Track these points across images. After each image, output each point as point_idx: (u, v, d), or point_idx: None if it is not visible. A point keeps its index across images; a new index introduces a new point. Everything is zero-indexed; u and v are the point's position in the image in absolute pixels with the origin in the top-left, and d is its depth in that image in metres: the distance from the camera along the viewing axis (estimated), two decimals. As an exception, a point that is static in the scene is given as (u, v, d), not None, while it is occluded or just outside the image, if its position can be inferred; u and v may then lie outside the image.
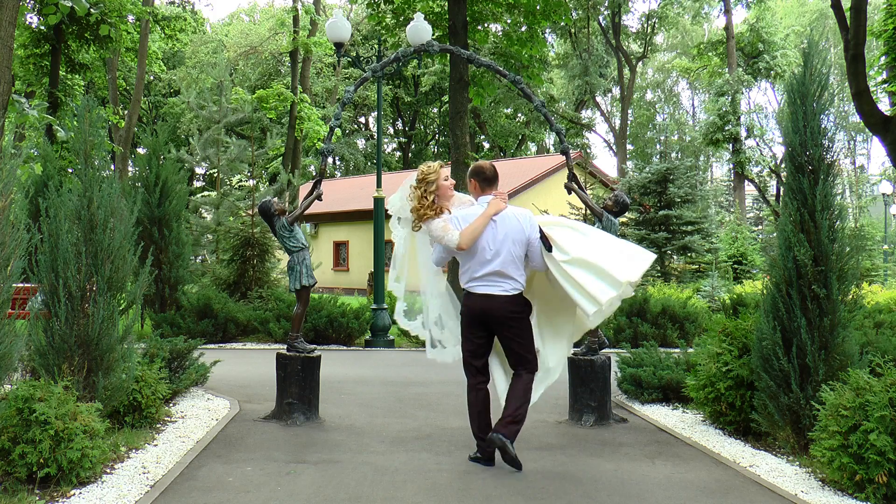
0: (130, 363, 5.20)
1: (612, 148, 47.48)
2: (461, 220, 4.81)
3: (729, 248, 23.57)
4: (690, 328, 11.29)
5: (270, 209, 6.12)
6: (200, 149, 15.60)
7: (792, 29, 42.49)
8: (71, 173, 6.87)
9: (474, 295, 4.80)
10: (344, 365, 9.38)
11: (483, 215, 4.77)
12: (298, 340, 6.13)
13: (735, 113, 34.40)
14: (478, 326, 4.84)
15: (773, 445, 5.43)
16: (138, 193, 11.13)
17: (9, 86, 8.03)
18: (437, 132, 51.16)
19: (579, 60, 42.18)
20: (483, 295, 4.76)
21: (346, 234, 29.35)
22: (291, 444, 5.33)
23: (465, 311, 4.86)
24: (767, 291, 5.28)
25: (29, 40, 20.36)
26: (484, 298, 4.76)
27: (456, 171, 15.08)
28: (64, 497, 4.09)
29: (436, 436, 5.64)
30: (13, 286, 4.29)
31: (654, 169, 22.09)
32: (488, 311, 4.76)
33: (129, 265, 5.20)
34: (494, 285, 4.75)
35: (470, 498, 4.20)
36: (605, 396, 6.13)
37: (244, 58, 43.67)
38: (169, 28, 24.51)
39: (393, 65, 6.70)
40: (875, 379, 4.47)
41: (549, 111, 6.48)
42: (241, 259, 13.42)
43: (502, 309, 4.75)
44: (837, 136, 34.26)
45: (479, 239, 4.74)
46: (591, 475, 4.68)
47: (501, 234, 4.76)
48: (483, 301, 4.77)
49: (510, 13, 16.42)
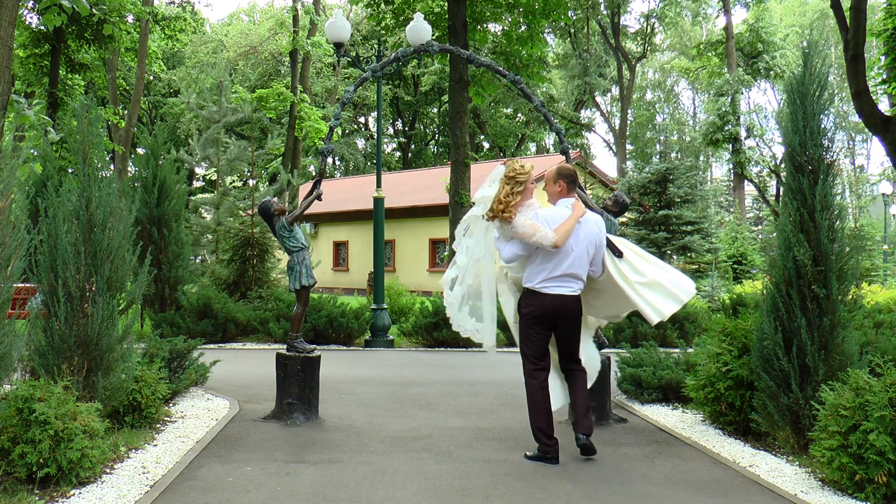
0: (130, 363, 5.20)
1: (612, 148, 47.53)
2: (549, 220, 4.97)
3: (729, 248, 23.58)
4: (690, 328, 11.29)
5: (270, 209, 6.12)
6: (200, 149, 15.58)
7: (792, 29, 42.51)
8: (70, 173, 6.86)
9: (547, 295, 4.95)
10: (344, 365, 9.38)
11: (573, 217, 4.98)
12: (298, 340, 6.13)
13: (735, 113, 34.40)
14: (545, 325, 5.00)
15: (772, 445, 5.43)
16: (137, 193, 11.14)
17: (9, 86, 8.02)
18: (437, 132, 51.16)
19: (579, 60, 42.19)
20: (556, 295, 4.95)
21: (345, 234, 29.36)
22: (291, 444, 5.33)
23: (534, 310, 4.97)
24: (767, 291, 5.28)
25: (29, 40, 20.36)
26: (557, 298, 4.95)
27: (456, 171, 15.11)
28: (64, 497, 4.09)
29: (436, 436, 5.64)
30: (13, 286, 4.28)
31: (653, 169, 22.10)
32: (561, 310, 4.97)
33: (128, 265, 5.20)
34: (566, 286, 4.97)
35: (470, 498, 4.20)
36: (605, 396, 6.13)
37: (244, 58, 43.67)
38: (169, 28, 24.52)
39: (393, 65, 6.70)
40: (875, 379, 4.47)
41: (548, 111, 6.48)
42: (240, 259, 13.43)
43: (572, 309, 5.02)
44: (837, 136, 34.18)
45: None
46: (591, 475, 4.68)
47: (582, 236, 5.00)
48: (556, 301, 4.94)
49: (510, 13, 16.42)
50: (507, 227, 4.96)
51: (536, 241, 4.86)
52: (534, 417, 4.97)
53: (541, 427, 4.95)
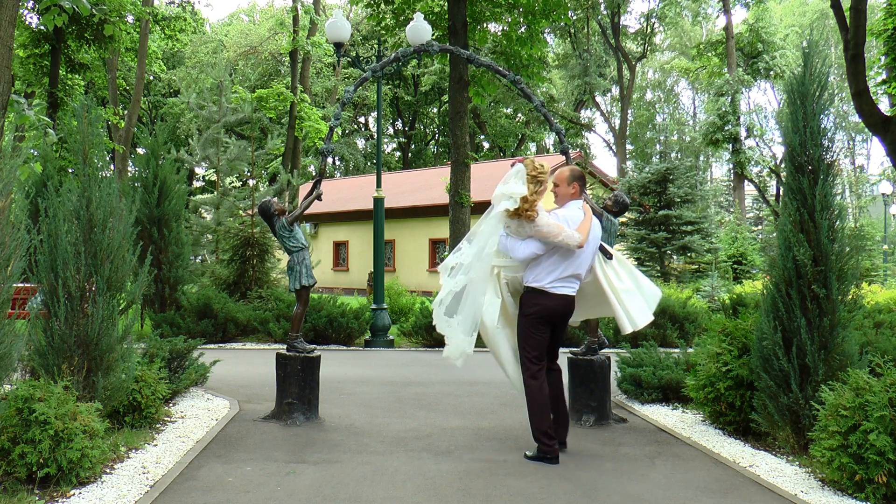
0: (130, 363, 5.20)
1: (612, 148, 47.52)
2: (569, 221, 5.02)
3: (729, 248, 23.57)
4: (690, 328, 11.29)
5: (270, 209, 6.12)
6: (200, 149, 15.57)
7: (792, 29, 42.50)
8: (70, 173, 6.86)
9: (554, 295, 4.99)
10: (344, 365, 9.38)
11: (588, 218, 5.06)
12: (298, 340, 6.13)
13: (735, 113, 34.40)
14: (548, 324, 5.04)
15: (772, 445, 5.43)
16: (137, 193, 11.14)
17: (9, 86, 8.02)
18: (437, 132, 51.17)
19: (579, 60, 42.19)
20: (562, 295, 5.01)
21: (345, 234, 29.36)
22: (291, 444, 5.33)
23: (541, 310, 4.98)
24: (767, 291, 5.28)
25: (29, 40, 20.36)
26: (563, 298, 5.02)
27: (456, 171, 15.11)
28: (64, 497, 4.09)
29: (436, 436, 5.64)
30: (13, 286, 4.28)
31: (653, 169, 22.10)
32: (564, 311, 5.06)
33: (128, 265, 5.20)
34: (570, 286, 5.05)
35: (470, 498, 4.20)
36: (605, 396, 6.13)
37: (244, 58, 43.67)
38: (169, 28, 24.52)
39: (393, 65, 6.70)
40: (875, 379, 4.47)
41: (548, 111, 6.48)
42: (240, 259, 13.42)
43: (571, 309, 5.13)
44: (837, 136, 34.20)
45: None
46: (591, 475, 4.68)
47: (592, 238, 5.09)
48: (562, 301, 5.02)
49: (510, 13, 16.42)
50: (528, 225, 4.93)
51: (561, 241, 4.90)
52: (536, 418, 4.97)
53: (542, 428, 4.95)
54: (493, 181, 25.59)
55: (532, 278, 5.00)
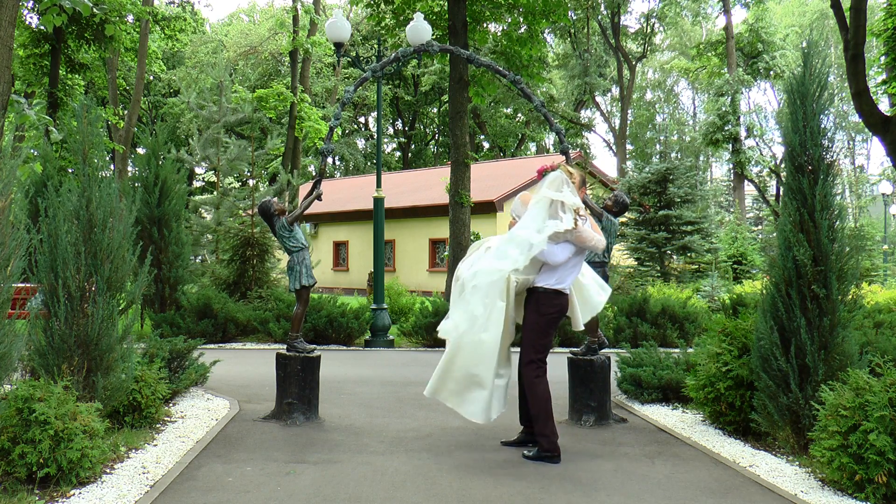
0: (130, 363, 5.20)
1: (612, 148, 47.51)
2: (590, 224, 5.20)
3: (729, 248, 23.56)
4: (690, 328, 11.29)
5: (270, 209, 6.12)
6: (200, 149, 15.57)
7: (792, 29, 42.50)
8: (70, 173, 6.86)
9: (566, 295, 5.15)
10: (344, 365, 9.38)
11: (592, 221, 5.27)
12: (298, 340, 6.13)
13: (735, 113, 34.41)
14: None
15: (772, 445, 5.43)
16: (137, 193, 11.14)
17: (9, 86, 8.02)
18: (437, 132, 51.17)
19: (579, 60, 42.18)
20: (567, 295, 5.16)
21: (345, 234, 29.36)
22: (291, 444, 5.33)
23: (560, 310, 5.13)
24: (767, 291, 5.28)
25: (29, 40, 20.36)
26: (568, 298, 5.17)
27: (456, 171, 15.11)
28: (64, 497, 4.09)
29: (436, 436, 5.64)
30: (13, 286, 4.28)
31: (653, 169, 22.10)
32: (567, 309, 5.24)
33: (128, 265, 5.20)
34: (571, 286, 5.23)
35: (470, 498, 4.20)
36: (605, 396, 6.13)
37: (244, 58, 43.66)
38: (169, 28, 24.50)
39: (393, 65, 6.70)
40: (875, 379, 4.47)
41: (548, 111, 6.48)
42: (240, 259, 13.42)
43: None
44: (837, 136, 34.16)
45: None
46: (591, 475, 4.68)
47: None
48: (568, 300, 5.18)
49: (510, 13, 16.42)
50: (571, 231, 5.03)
51: (593, 245, 5.09)
52: (544, 418, 4.96)
53: (550, 429, 4.96)
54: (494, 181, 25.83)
55: (555, 280, 5.04)
